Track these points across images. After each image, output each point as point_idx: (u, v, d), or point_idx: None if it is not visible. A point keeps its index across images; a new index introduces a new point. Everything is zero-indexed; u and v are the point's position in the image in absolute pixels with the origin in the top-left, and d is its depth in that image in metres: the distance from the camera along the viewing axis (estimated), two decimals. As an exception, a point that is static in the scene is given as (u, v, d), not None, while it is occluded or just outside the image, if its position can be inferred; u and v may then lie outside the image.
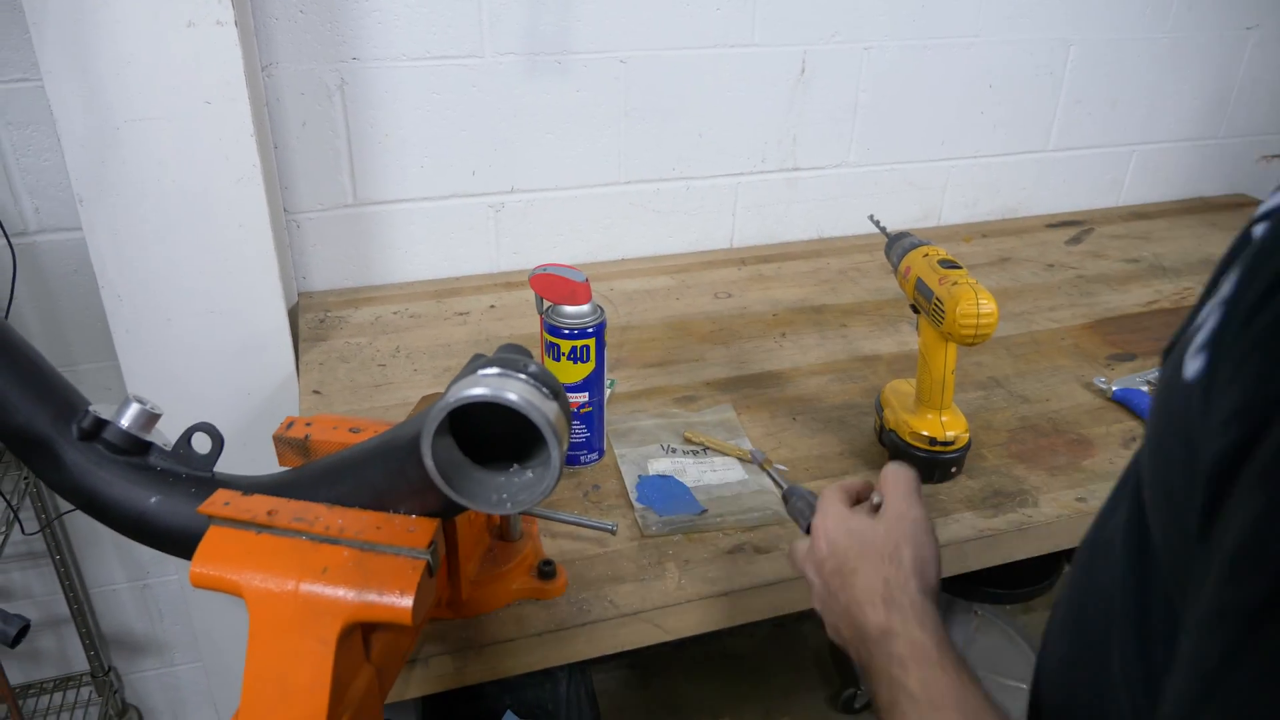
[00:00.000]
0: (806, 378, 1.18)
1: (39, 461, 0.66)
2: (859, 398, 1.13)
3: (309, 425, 0.72)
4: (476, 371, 0.53)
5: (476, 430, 0.56)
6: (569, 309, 0.93)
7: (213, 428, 0.67)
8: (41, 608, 1.50)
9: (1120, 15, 1.57)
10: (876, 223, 1.10)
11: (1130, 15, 1.58)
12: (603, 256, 1.48)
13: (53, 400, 0.66)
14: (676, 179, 1.46)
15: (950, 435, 0.96)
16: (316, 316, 1.29)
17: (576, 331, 0.93)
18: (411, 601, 0.56)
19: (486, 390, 0.51)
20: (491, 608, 0.81)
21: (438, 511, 0.60)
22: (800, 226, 1.58)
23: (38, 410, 0.65)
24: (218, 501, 0.62)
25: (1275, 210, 0.40)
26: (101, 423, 0.65)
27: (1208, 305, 0.40)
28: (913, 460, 0.95)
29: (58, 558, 1.42)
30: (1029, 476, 1.00)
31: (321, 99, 1.23)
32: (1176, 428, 0.40)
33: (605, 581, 0.85)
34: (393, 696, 0.75)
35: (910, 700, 0.53)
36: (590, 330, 0.93)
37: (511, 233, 1.41)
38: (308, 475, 0.64)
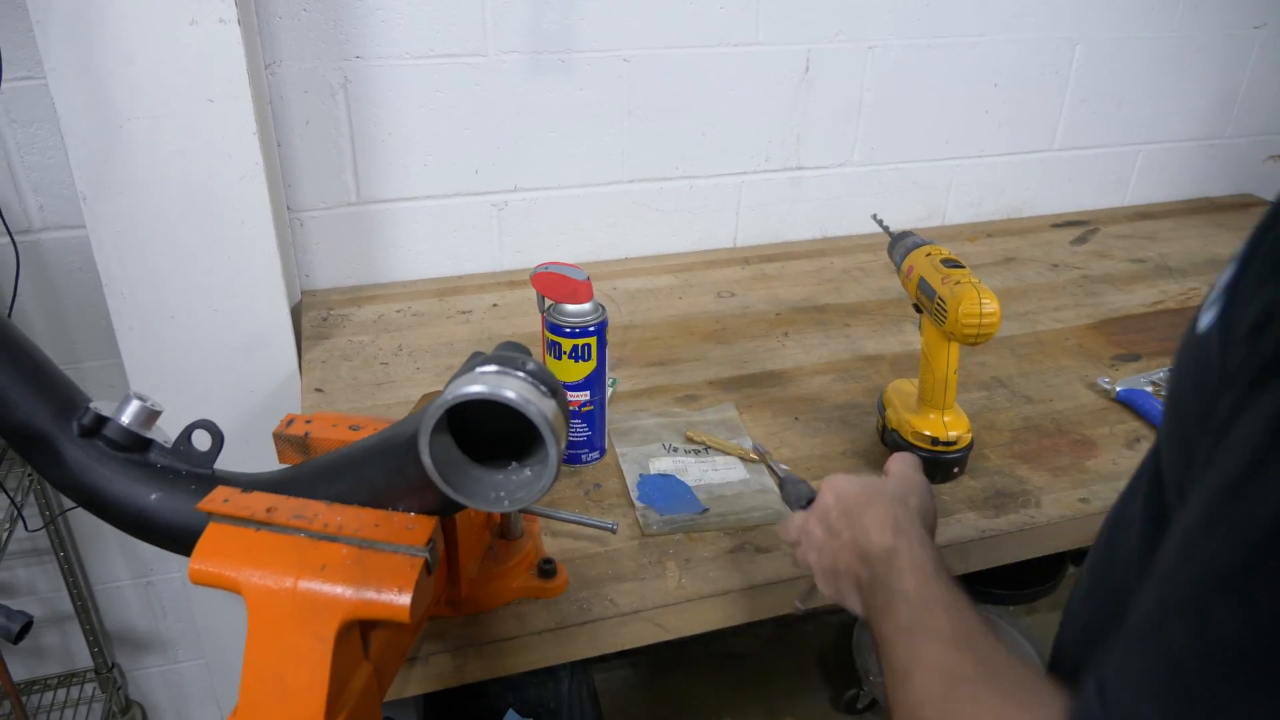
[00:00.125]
0: (809, 377, 1.18)
1: (40, 458, 0.66)
2: (861, 397, 1.13)
3: (309, 423, 0.72)
4: (475, 369, 0.53)
5: (476, 428, 0.56)
6: (570, 307, 0.93)
7: (213, 425, 0.67)
8: (45, 604, 1.50)
9: (1126, 14, 1.57)
10: (880, 222, 1.10)
11: (1136, 14, 1.57)
12: (606, 255, 1.48)
13: (54, 397, 0.66)
14: (680, 178, 1.46)
15: (953, 435, 0.95)
16: (319, 314, 1.29)
17: (578, 330, 0.92)
18: (409, 599, 0.56)
19: (484, 388, 0.51)
20: (492, 606, 0.81)
21: (436, 509, 0.60)
22: (804, 226, 1.58)
23: (39, 407, 0.65)
24: (217, 498, 0.62)
25: None
26: (102, 419, 0.66)
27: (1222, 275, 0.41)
28: (915, 460, 0.95)
29: (61, 554, 1.43)
30: (1032, 477, 1.00)
31: (325, 97, 1.23)
32: (1191, 381, 0.41)
33: (606, 580, 0.85)
34: (392, 694, 0.75)
35: (905, 601, 0.58)
36: (592, 329, 0.93)
37: (514, 231, 1.41)
38: (307, 473, 0.64)
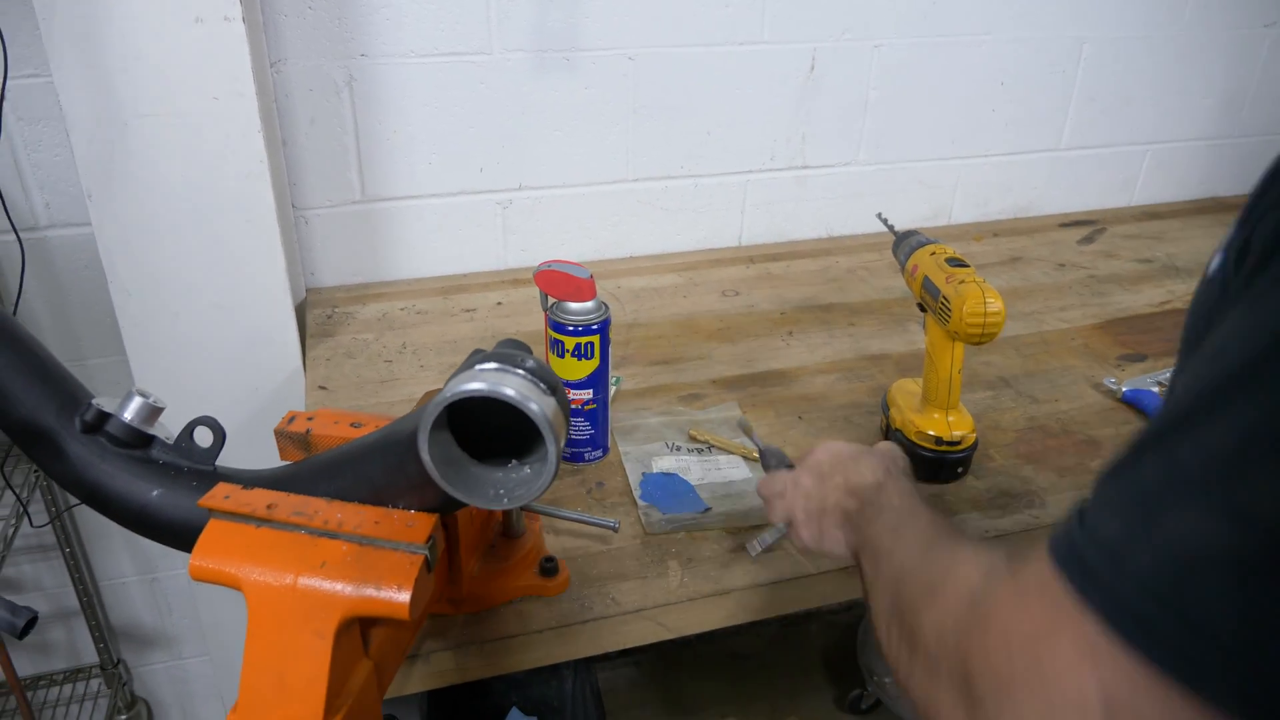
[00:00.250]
0: (813, 376, 1.18)
1: (42, 454, 0.66)
2: (866, 397, 1.13)
3: (310, 420, 0.72)
4: (475, 367, 0.53)
5: (476, 426, 0.56)
6: (573, 305, 0.93)
7: (214, 421, 0.67)
8: (51, 600, 1.51)
9: (1134, 12, 1.56)
10: (884, 221, 1.09)
11: (1144, 12, 1.56)
12: (610, 254, 1.48)
13: (56, 393, 0.67)
14: (685, 177, 1.45)
15: (957, 435, 0.95)
16: (324, 312, 1.30)
17: (581, 328, 0.92)
18: (409, 596, 0.56)
19: (484, 385, 0.51)
20: (493, 604, 0.81)
21: (436, 507, 0.60)
22: (809, 225, 1.57)
23: (41, 403, 0.66)
24: (218, 495, 0.62)
25: None
26: (104, 415, 0.66)
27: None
28: (919, 460, 0.95)
29: (67, 550, 1.43)
30: (1037, 477, 0.99)
31: (330, 95, 1.23)
32: (1201, 322, 0.42)
33: (608, 579, 0.85)
34: (393, 691, 0.75)
35: (891, 510, 0.65)
36: (595, 327, 0.93)
37: (519, 230, 1.41)
38: (308, 470, 0.64)
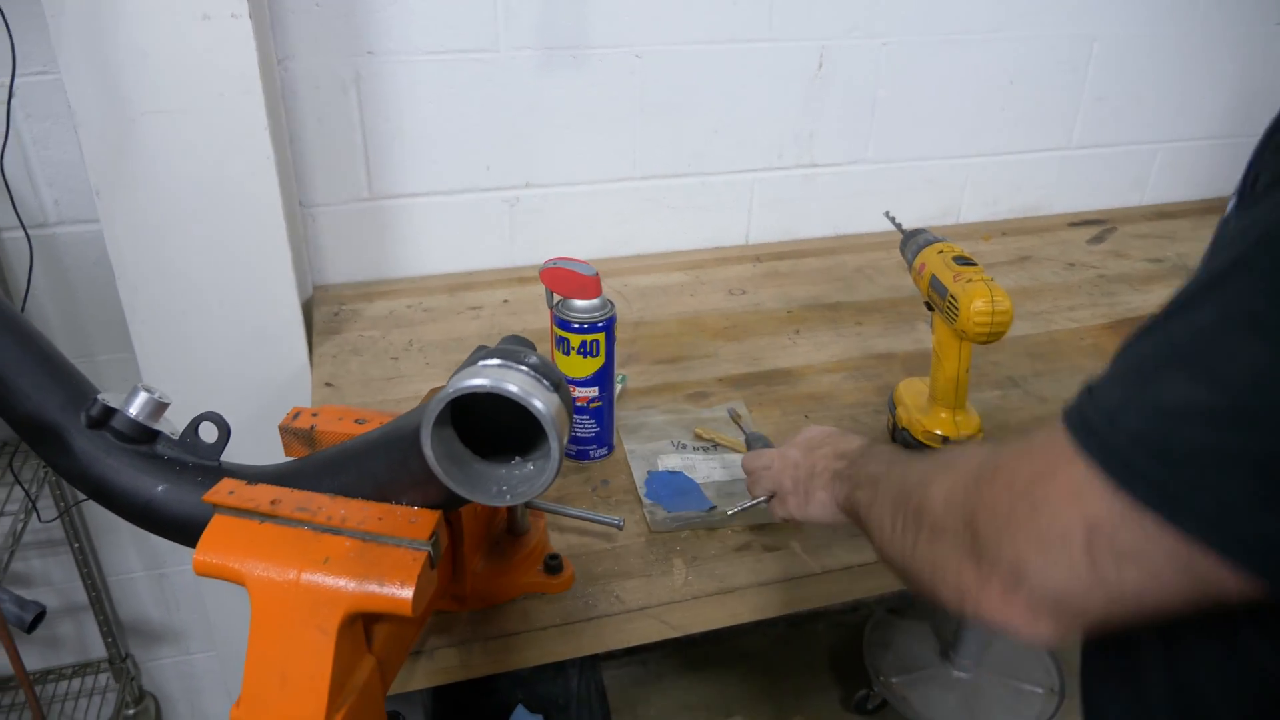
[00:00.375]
0: (820, 375, 1.17)
1: (48, 449, 0.66)
2: (873, 396, 1.12)
3: (315, 416, 0.72)
4: (478, 363, 0.53)
5: (480, 423, 0.56)
6: (579, 303, 0.93)
7: (219, 417, 0.67)
8: (60, 595, 1.52)
9: (1145, 10, 1.55)
10: (892, 219, 1.09)
11: (1155, 10, 1.55)
12: (617, 252, 1.48)
13: (62, 388, 0.67)
14: (692, 175, 1.45)
15: (964, 434, 0.94)
16: (331, 310, 1.30)
17: (586, 326, 0.92)
18: (412, 592, 0.56)
19: (486, 381, 0.50)
20: (497, 601, 0.81)
21: (440, 503, 0.60)
22: (817, 223, 1.57)
23: (48, 398, 0.66)
24: (222, 490, 0.62)
25: None
26: (110, 411, 0.66)
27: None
28: (925, 459, 0.94)
29: (76, 546, 1.44)
30: (1044, 477, 0.99)
31: (337, 93, 1.23)
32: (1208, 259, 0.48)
33: (612, 577, 0.85)
34: (398, 688, 0.76)
35: (883, 454, 0.70)
36: (600, 325, 0.93)
37: (526, 227, 1.41)
38: (312, 465, 0.64)
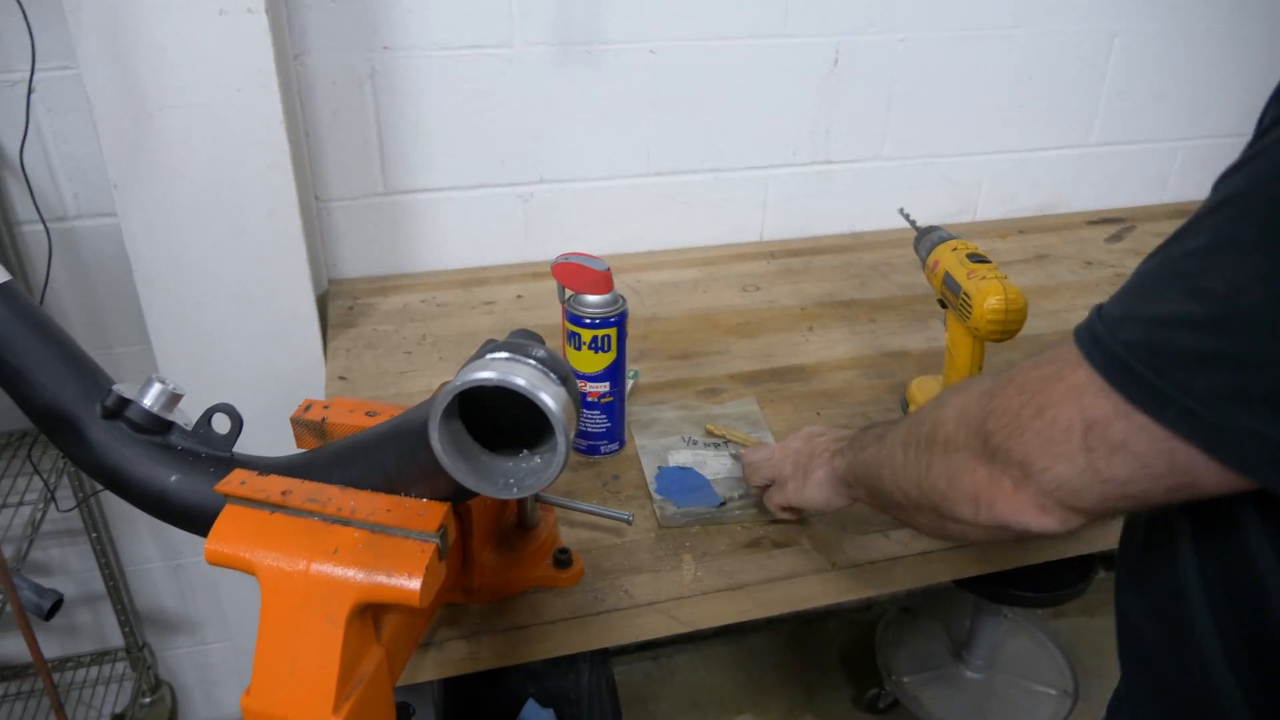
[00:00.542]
0: (832, 372, 1.17)
1: (64, 438, 0.67)
2: (885, 394, 1.12)
3: (326, 408, 0.72)
4: (486, 356, 0.53)
5: (490, 416, 0.56)
6: (590, 298, 0.93)
7: (232, 408, 0.68)
8: (79, 584, 1.54)
9: (1167, 5, 1.53)
10: (906, 216, 1.08)
11: (1178, 5, 1.53)
12: (631, 248, 1.48)
13: (79, 379, 0.68)
14: (706, 171, 1.45)
15: (976, 432, 0.94)
16: (345, 304, 1.31)
17: (598, 321, 0.92)
18: (420, 583, 0.56)
19: (494, 374, 0.51)
20: (507, 594, 0.81)
21: (448, 496, 0.60)
22: (832, 220, 1.56)
23: (64, 388, 0.67)
24: (234, 481, 0.63)
25: None
26: (124, 401, 0.67)
27: None
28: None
29: (94, 535, 1.46)
30: (1058, 476, 0.98)
31: (352, 88, 1.24)
32: None
33: (621, 571, 0.85)
34: (407, 679, 0.76)
35: (876, 434, 0.72)
36: (612, 320, 0.93)
37: (540, 223, 1.41)
38: (322, 457, 0.65)
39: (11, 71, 1.15)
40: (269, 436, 0.86)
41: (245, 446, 0.69)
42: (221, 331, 1.14)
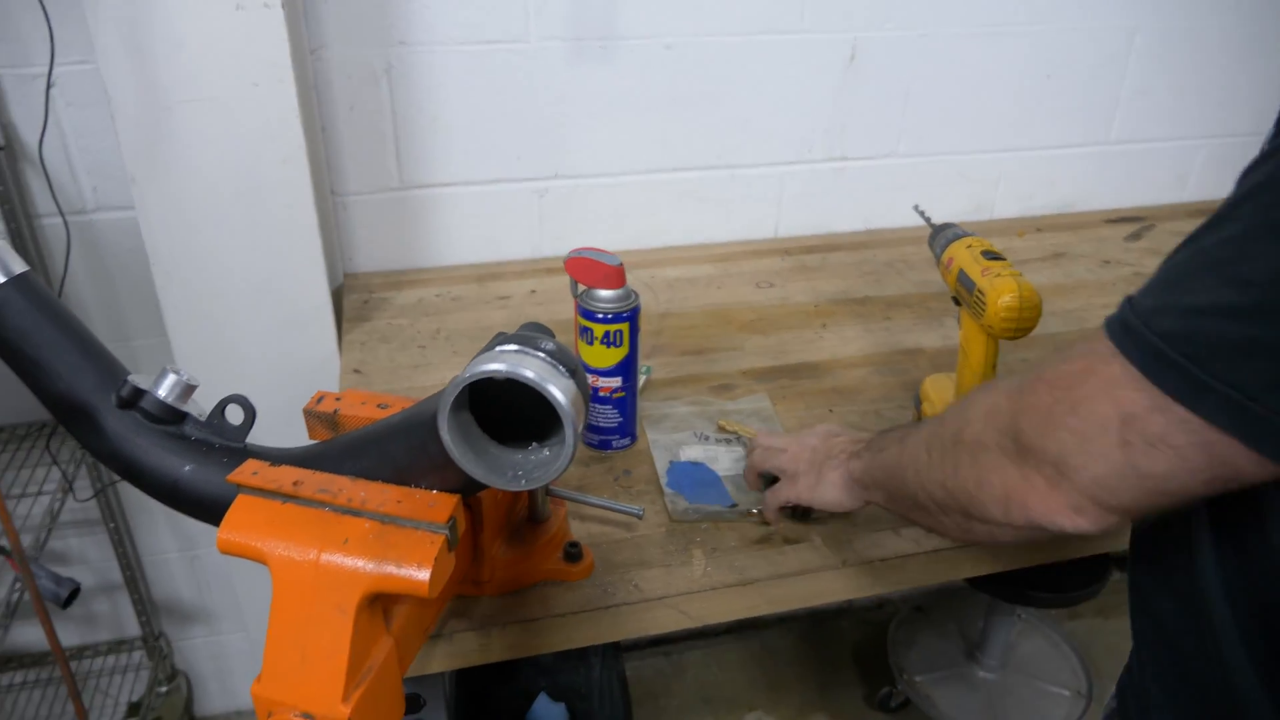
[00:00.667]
0: (846, 369, 1.16)
1: (80, 428, 0.68)
2: (899, 391, 1.11)
3: (338, 400, 0.73)
4: (495, 348, 0.53)
5: (499, 408, 0.57)
6: (603, 293, 0.93)
7: (245, 400, 0.68)
8: (97, 574, 1.55)
9: (1189, 1, 1.51)
10: (921, 213, 1.08)
11: (1200, 1, 1.51)
12: (645, 244, 1.48)
13: (95, 369, 0.68)
14: (721, 167, 1.45)
15: (990, 430, 0.93)
16: (360, 297, 1.31)
17: (610, 316, 0.92)
18: (429, 574, 0.56)
19: (503, 366, 0.51)
20: (517, 587, 0.81)
21: (458, 487, 0.60)
22: (848, 217, 1.55)
23: (80, 378, 0.67)
24: (246, 471, 0.63)
25: None
26: (139, 392, 0.67)
27: None
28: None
29: (112, 526, 1.47)
30: (1072, 476, 0.97)
31: (368, 82, 1.25)
32: None
33: (631, 566, 0.85)
34: (416, 670, 0.77)
35: (896, 438, 0.72)
36: (624, 315, 0.93)
37: (554, 218, 1.41)
38: (334, 448, 0.65)
39: (31, 65, 1.16)
40: (284, 429, 0.87)
41: (260, 438, 0.70)
42: (237, 325, 1.15)
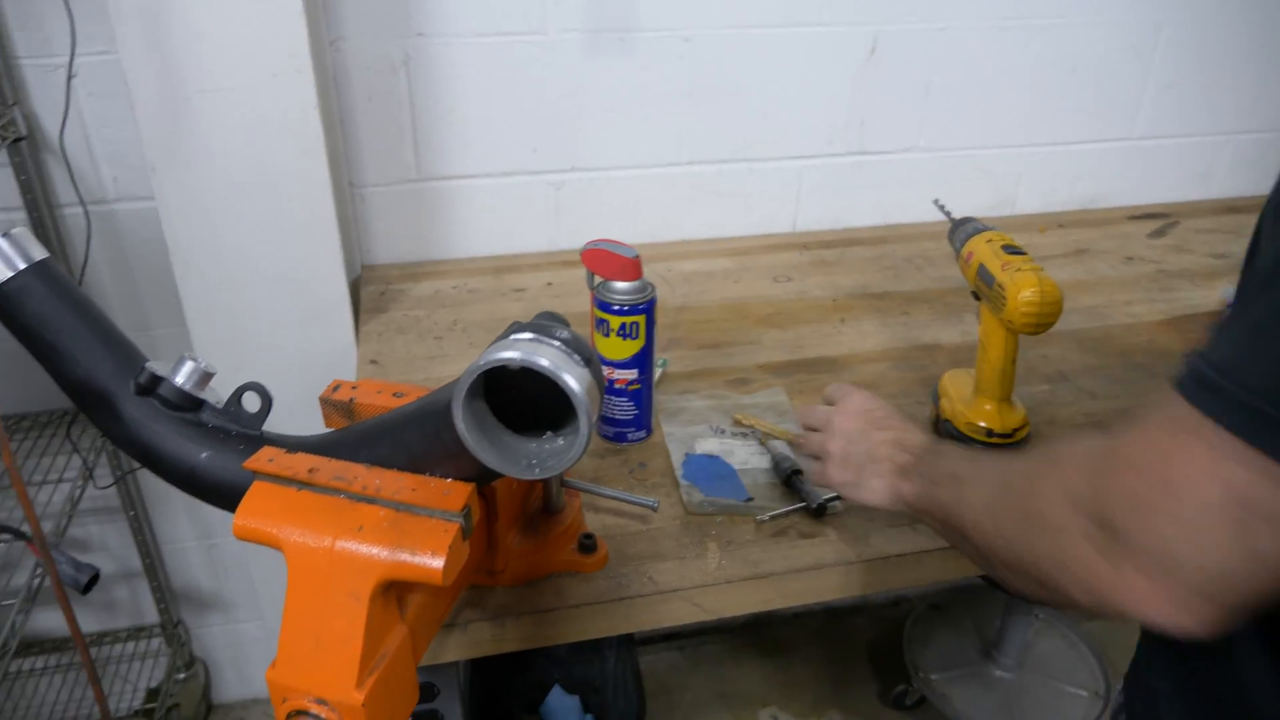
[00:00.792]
0: (864, 364, 1.16)
1: (99, 414, 0.68)
2: (916, 387, 1.10)
3: (354, 389, 0.73)
4: (510, 337, 0.53)
5: (515, 397, 0.56)
6: (619, 285, 0.92)
7: (262, 387, 0.69)
8: (116, 561, 1.57)
9: (1215, -6, 1.49)
10: (941, 207, 1.07)
11: (1226, -5, 1.49)
12: (662, 237, 1.47)
13: (114, 356, 0.69)
14: (739, 160, 1.44)
15: (1008, 427, 0.92)
16: (378, 289, 1.32)
17: (626, 308, 0.92)
18: (443, 562, 0.56)
19: (517, 354, 0.51)
20: (531, 578, 0.81)
21: (472, 476, 0.60)
22: (867, 212, 1.54)
23: (99, 365, 0.68)
24: (262, 458, 0.63)
25: None
26: (157, 379, 0.68)
27: None
28: (968, 451, 0.93)
29: (131, 514, 1.49)
30: (1092, 473, 0.96)
31: (387, 74, 1.25)
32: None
33: (646, 558, 0.85)
34: (430, 659, 0.77)
35: (957, 452, 0.70)
36: (641, 307, 0.92)
37: (571, 211, 1.41)
38: (350, 436, 0.65)
39: (53, 55, 1.17)
40: (301, 420, 0.87)
41: (277, 428, 0.70)
42: (256, 315, 1.16)
